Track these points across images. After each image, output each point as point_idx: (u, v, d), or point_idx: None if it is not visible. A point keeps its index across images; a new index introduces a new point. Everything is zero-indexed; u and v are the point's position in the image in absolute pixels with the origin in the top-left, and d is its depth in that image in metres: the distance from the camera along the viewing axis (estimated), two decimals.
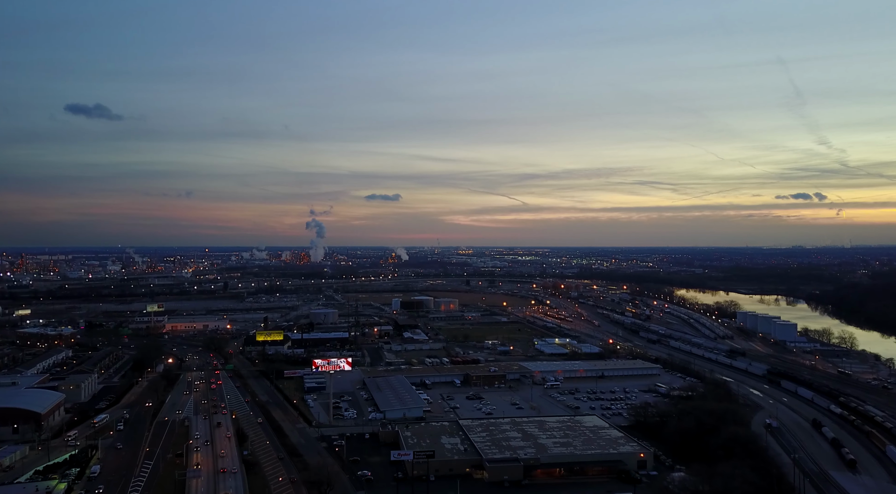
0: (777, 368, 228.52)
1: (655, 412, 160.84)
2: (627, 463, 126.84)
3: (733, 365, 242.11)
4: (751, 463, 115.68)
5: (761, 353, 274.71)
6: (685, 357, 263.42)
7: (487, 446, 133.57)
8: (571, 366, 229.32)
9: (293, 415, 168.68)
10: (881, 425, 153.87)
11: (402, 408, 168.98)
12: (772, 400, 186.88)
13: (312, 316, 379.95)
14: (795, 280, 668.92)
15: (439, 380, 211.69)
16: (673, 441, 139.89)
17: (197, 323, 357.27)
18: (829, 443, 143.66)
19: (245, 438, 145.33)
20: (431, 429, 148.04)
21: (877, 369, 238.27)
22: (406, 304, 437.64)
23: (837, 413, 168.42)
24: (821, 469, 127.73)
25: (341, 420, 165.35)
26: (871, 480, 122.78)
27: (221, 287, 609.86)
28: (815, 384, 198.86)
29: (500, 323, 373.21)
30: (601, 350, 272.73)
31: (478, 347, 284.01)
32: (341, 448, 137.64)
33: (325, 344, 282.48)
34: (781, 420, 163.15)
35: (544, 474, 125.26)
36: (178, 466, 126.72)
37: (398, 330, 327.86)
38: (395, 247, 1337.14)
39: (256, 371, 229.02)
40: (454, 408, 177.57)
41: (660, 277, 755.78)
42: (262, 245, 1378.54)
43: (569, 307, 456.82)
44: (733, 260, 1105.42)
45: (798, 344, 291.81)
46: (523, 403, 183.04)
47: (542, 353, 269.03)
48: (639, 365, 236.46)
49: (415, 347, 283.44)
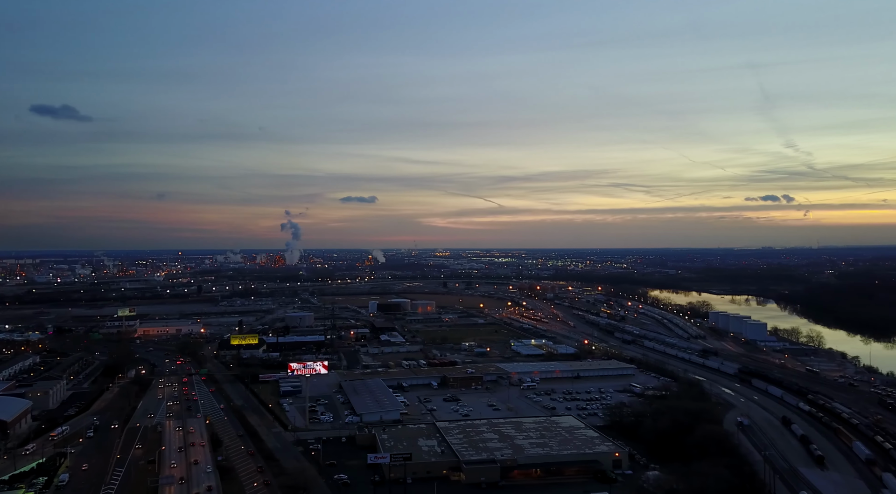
0: (748, 367, 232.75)
1: (630, 412, 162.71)
2: (603, 463, 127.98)
3: (706, 364, 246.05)
4: (724, 461, 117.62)
5: (733, 353, 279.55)
6: (659, 357, 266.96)
7: (464, 448, 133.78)
8: (548, 367, 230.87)
9: (269, 420, 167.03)
10: (848, 422, 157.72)
11: (378, 411, 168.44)
12: (743, 399, 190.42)
13: (288, 319, 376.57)
14: (766, 280, 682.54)
15: (416, 383, 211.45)
16: (648, 441, 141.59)
17: (170, 327, 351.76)
18: (798, 440, 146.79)
19: (220, 443, 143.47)
20: (408, 432, 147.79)
21: (843, 367, 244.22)
22: (383, 307, 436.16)
23: (806, 410, 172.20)
24: (790, 466, 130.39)
25: (318, 423, 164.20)
26: (839, 475, 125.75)
27: (195, 290, 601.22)
28: (785, 382, 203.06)
29: (478, 324, 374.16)
30: (577, 351, 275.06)
31: (455, 349, 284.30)
32: (318, 452, 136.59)
33: (301, 348, 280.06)
34: (753, 418, 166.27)
35: (521, 475, 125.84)
36: (151, 473, 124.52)
37: (375, 332, 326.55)
38: (372, 249, 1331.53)
39: (231, 375, 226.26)
40: (431, 411, 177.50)
41: (634, 278, 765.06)
42: (236, 248, 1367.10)
43: (545, 308, 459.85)
44: (706, 261, 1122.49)
45: (768, 344, 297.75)
46: (500, 404, 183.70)
47: (519, 354, 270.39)
48: (614, 365, 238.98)
49: (392, 350, 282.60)
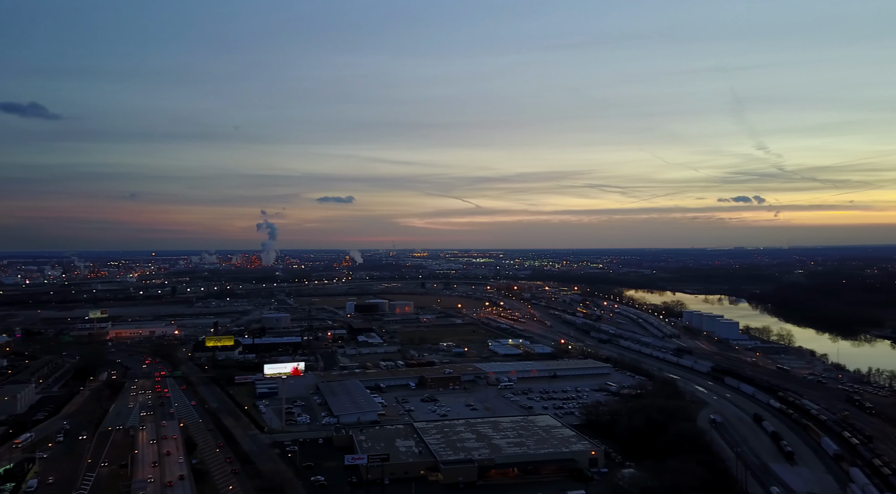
0: (721, 365, 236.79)
1: (606, 410, 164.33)
2: (579, 462, 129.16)
3: (680, 363, 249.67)
4: (697, 458, 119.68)
5: (706, 351, 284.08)
6: (634, 356, 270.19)
7: (442, 448, 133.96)
8: (525, 367, 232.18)
9: (245, 422, 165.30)
10: (816, 418, 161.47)
11: (356, 412, 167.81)
12: (716, 397, 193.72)
13: (264, 320, 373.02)
14: (738, 280, 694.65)
15: (394, 383, 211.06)
16: (623, 439, 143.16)
17: (143, 329, 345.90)
18: (769, 437, 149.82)
19: (194, 446, 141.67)
20: (386, 433, 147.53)
21: (812, 364, 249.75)
22: (360, 308, 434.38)
23: (777, 407, 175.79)
24: (761, 462, 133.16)
25: (294, 425, 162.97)
26: (808, 470, 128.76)
27: (169, 292, 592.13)
28: (756, 380, 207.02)
29: (456, 325, 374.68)
30: (553, 350, 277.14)
31: (433, 349, 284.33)
32: (294, 454, 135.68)
33: (278, 349, 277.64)
34: (725, 415, 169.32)
35: (499, 474, 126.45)
36: (123, 477, 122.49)
37: (352, 333, 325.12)
38: (350, 249, 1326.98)
39: (206, 377, 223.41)
40: (409, 411, 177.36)
41: (610, 278, 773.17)
42: (212, 248, 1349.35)
43: (522, 308, 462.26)
44: (680, 261, 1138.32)
45: (740, 342, 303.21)
46: (478, 404, 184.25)
47: (497, 354, 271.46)
48: (590, 364, 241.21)
49: (369, 351, 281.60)
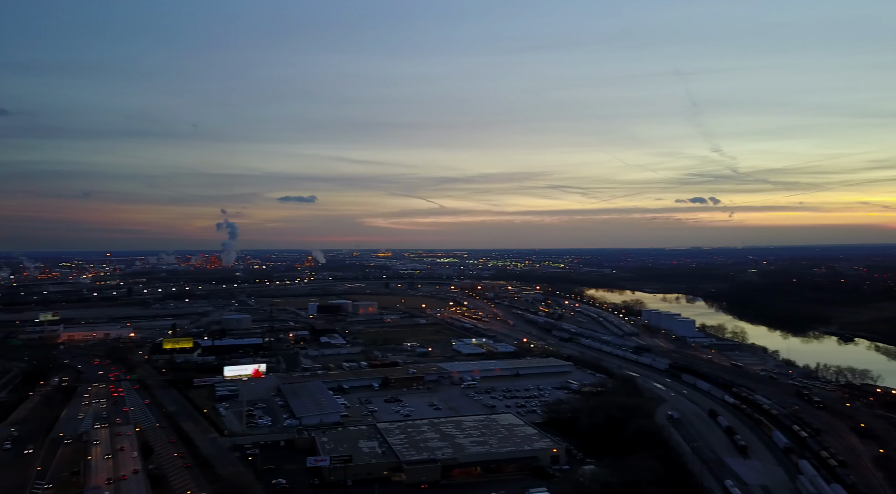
0: (678, 362, 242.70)
1: (568, 408, 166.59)
2: (541, 459, 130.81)
3: (639, 360, 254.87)
4: (656, 454, 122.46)
5: (664, 349, 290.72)
6: (595, 354, 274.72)
7: (405, 448, 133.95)
8: (488, 366, 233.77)
9: (204, 425, 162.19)
10: (768, 412, 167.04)
11: (318, 414, 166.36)
12: (674, 393, 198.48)
13: (224, 322, 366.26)
14: (695, 279, 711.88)
15: (357, 384, 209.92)
16: (585, 436, 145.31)
17: (97, 331, 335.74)
18: (723, 431, 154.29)
19: (151, 451, 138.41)
20: (349, 434, 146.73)
21: (765, 361, 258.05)
22: (323, 308, 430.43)
23: (731, 402, 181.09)
24: (716, 456, 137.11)
25: (255, 428, 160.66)
26: (760, 463, 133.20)
27: (125, 293, 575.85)
28: (712, 376, 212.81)
29: (420, 325, 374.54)
30: (516, 349, 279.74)
31: (397, 350, 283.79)
32: (255, 457, 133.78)
33: (239, 351, 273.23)
34: (682, 411, 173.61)
35: (462, 473, 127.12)
36: (76, 485, 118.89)
37: (315, 334, 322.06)
38: (312, 249, 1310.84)
39: (164, 380, 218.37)
40: (372, 412, 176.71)
41: (571, 277, 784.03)
42: (170, 249, 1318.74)
43: (485, 307, 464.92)
44: (639, 261, 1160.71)
45: (697, 340, 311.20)
46: (441, 404, 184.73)
47: (460, 354, 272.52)
48: (552, 363, 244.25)
49: (332, 352, 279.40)
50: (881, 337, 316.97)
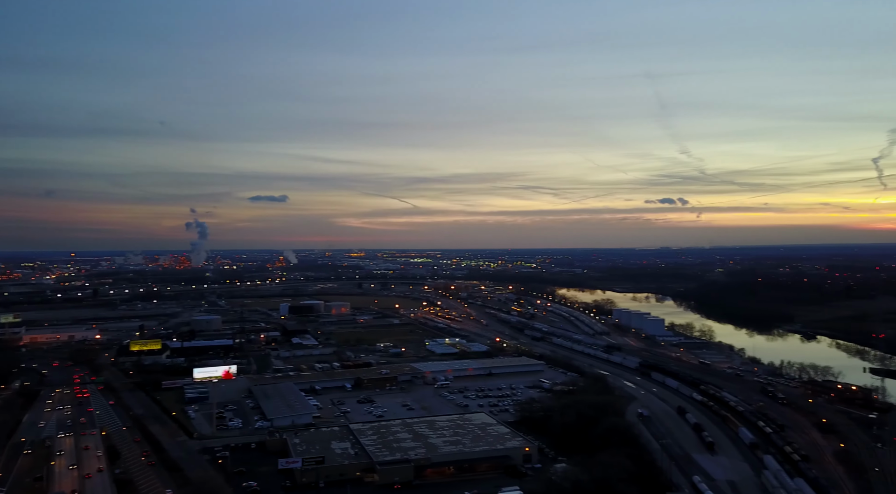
0: (648, 361, 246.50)
1: (540, 407, 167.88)
2: (514, 458, 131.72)
3: (610, 359, 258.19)
4: (626, 451, 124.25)
5: (634, 347, 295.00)
6: (567, 353, 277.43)
7: (378, 449, 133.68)
8: (461, 365, 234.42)
9: (172, 428, 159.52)
10: (734, 409, 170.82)
11: (290, 415, 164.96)
12: (644, 391, 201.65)
13: (194, 323, 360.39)
14: (664, 278, 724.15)
15: (330, 385, 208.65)
16: (557, 434, 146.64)
17: (61, 333, 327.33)
18: (691, 428, 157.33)
19: (118, 456, 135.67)
20: (321, 435, 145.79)
21: (731, 358, 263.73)
22: (295, 309, 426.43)
23: (699, 400, 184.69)
24: (685, 453, 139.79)
25: (226, 430, 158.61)
26: (727, 459, 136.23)
27: (90, 294, 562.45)
28: (681, 374, 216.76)
29: (393, 325, 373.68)
30: (489, 348, 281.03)
31: (370, 350, 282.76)
32: (225, 460, 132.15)
33: (208, 353, 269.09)
34: (652, 409, 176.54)
35: (435, 473, 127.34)
36: (39, 491, 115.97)
37: (287, 335, 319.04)
38: (284, 249, 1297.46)
39: (131, 383, 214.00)
40: (345, 413, 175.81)
41: (543, 277, 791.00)
42: (137, 249, 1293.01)
43: (459, 307, 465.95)
44: (610, 261, 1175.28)
45: (666, 338, 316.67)
46: (414, 404, 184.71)
47: (434, 354, 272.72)
48: (524, 362, 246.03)
49: (304, 353, 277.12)
50: (842, 334, 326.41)
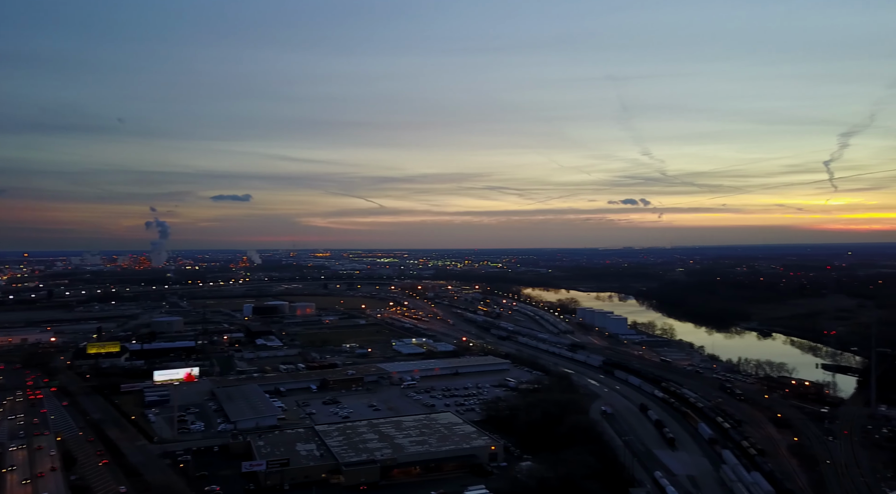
0: (611, 359, 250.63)
1: (506, 405, 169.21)
2: (480, 457, 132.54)
3: (574, 357, 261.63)
4: (590, 448, 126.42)
5: (598, 346, 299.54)
6: (532, 351, 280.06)
7: (344, 450, 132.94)
8: (427, 365, 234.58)
9: (132, 432, 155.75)
10: (694, 405, 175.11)
11: (254, 417, 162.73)
12: (607, 389, 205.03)
13: (154, 324, 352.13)
14: (626, 278, 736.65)
15: (295, 387, 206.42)
16: (522, 433, 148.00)
17: (13, 336, 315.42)
18: (653, 425, 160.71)
19: (73, 462, 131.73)
20: (286, 437, 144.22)
21: (691, 356, 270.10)
22: (259, 310, 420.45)
23: (660, 397, 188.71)
24: (647, 449, 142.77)
25: (187, 433, 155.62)
26: (687, 454, 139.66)
27: (45, 295, 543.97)
28: (643, 372, 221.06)
29: (359, 325, 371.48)
30: (456, 348, 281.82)
31: (336, 351, 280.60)
32: (187, 464, 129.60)
33: (170, 354, 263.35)
34: (615, 406, 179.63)
35: (401, 473, 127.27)
36: None
37: (251, 336, 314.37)
38: (247, 250, 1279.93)
39: (88, 387, 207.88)
40: (310, 414, 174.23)
41: (509, 277, 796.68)
42: (94, 249, 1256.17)
43: (425, 307, 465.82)
44: (574, 261, 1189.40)
45: (629, 337, 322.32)
46: (381, 404, 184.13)
47: (400, 354, 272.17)
48: (490, 361, 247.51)
49: (269, 354, 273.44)
50: (796, 331, 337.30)
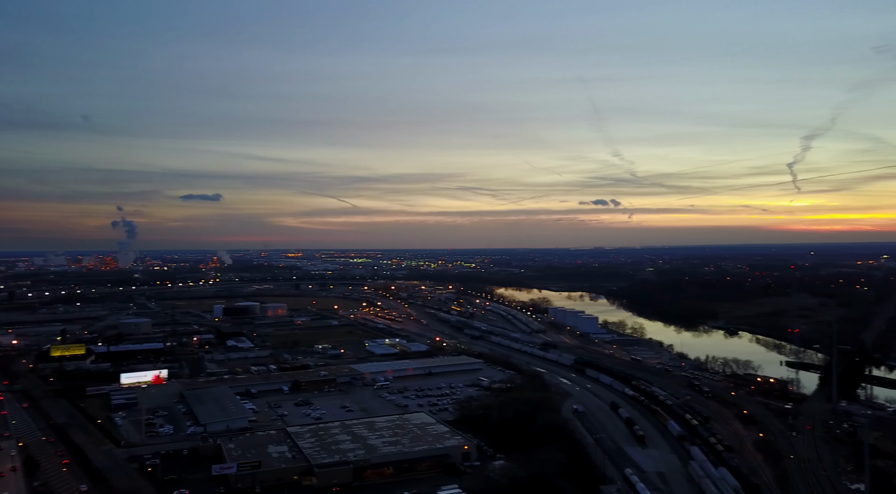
0: (583, 358, 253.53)
1: (478, 405, 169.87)
2: (453, 456, 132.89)
3: (546, 356, 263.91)
4: (562, 446, 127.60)
5: (570, 345, 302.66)
6: (505, 351, 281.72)
7: (316, 451, 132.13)
8: (401, 366, 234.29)
9: (98, 436, 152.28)
10: (663, 403, 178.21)
11: (224, 420, 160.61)
12: (578, 387, 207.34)
13: (121, 326, 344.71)
14: (597, 277, 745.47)
15: (266, 388, 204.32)
16: (495, 432, 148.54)
17: None
18: (624, 423, 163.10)
19: (36, 467, 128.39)
20: (257, 439, 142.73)
21: (661, 354, 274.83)
22: (230, 311, 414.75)
23: (631, 395, 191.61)
24: (617, 446, 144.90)
25: (156, 437, 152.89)
26: (656, 451, 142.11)
27: (6, 296, 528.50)
28: (614, 370, 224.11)
29: (332, 326, 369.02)
30: (429, 348, 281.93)
31: (308, 352, 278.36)
32: (155, 468, 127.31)
33: (137, 357, 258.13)
34: (586, 404, 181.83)
35: (374, 474, 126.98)
36: None
37: (221, 338, 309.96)
38: (217, 250, 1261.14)
39: (52, 390, 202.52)
40: (282, 416, 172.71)
41: (482, 277, 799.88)
42: (59, 249, 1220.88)
43: (399, 308, 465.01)
44: (546, 261, 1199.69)
45: (599, 336, 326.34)
46: (354, 405, 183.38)
47: (373, 354, 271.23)
48: (463, 360, 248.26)
49: (239, 355, 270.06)
50: (761, 329, 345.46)
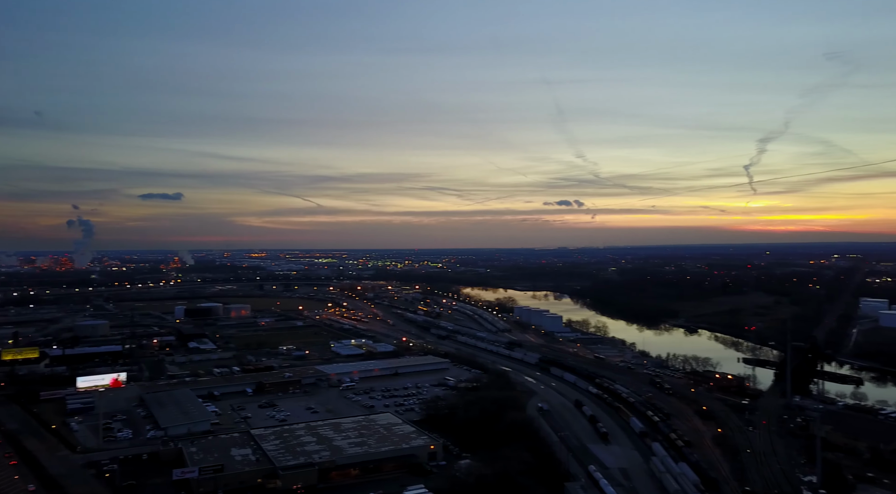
0: (547, 356, 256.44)
1: (445, 404, 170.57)
2: (419, 456, 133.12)
3: (511, 355, 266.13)
4: (527, 444, 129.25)
5: (535, 344, 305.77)
6: (471, 350, 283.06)
7: (281, 453, 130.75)
8: (367, 366, 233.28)
9: (52, 442, 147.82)
10: (626, 400, 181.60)
11: (186, 423, 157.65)
12: (543, 386, 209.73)
13: (77, 328, 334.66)
14: (561, 277, 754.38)
15: (229, 390, 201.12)
16: (461, 431, 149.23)
17: None
18: (587, 420, 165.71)
19: None
20: (220, 442, 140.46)
21: (623, 353, 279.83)
22: (191, 312, 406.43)
23: (594, 393, 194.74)
24: (581, 444, 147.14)
25: (114, 442, 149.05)
26: (619, 448, 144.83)
27: None
28: (578, 369, 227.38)
29: (297, 327, 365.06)
30: (396, 348, 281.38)
31: (272, 354, 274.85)
32: (113, 474, 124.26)
33: (94, 360, 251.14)
34: (551, 402, 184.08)
35: (340, 475, 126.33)
36: None
37: (183, 339, 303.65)
38: (178, 250, 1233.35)
39: (3, 396, 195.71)
40: (246, 418, 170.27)
41: (448, 277, 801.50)
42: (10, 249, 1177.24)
43: (365, 308, 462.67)
44: (511, 260, 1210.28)
45: (564, 334, 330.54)
46: (319, 407, 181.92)
47: (339, 355, 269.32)
48: (430, 360, 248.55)
49: (202, 357, 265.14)
50: (719, 327, 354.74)
